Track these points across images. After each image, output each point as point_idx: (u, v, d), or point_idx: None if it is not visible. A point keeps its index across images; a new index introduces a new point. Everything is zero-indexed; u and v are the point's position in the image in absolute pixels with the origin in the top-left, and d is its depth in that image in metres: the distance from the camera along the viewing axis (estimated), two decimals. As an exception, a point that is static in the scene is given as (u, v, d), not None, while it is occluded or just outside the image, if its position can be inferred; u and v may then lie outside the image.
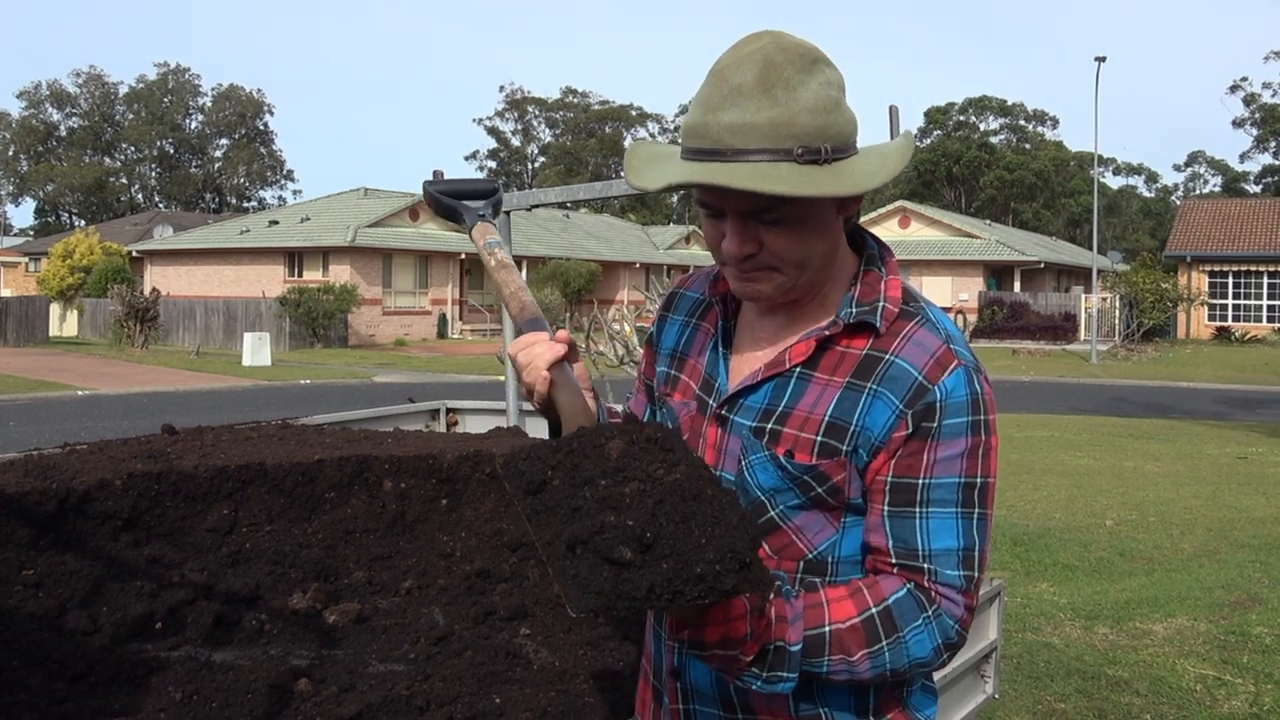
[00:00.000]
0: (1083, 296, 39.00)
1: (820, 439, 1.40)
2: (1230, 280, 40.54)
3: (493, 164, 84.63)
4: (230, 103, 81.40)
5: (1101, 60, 34.38)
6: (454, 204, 1.74)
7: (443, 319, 39.30)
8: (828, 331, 1.44)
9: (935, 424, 1.37)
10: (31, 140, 75.82)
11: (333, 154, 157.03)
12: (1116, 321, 36.63)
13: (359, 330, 35.00)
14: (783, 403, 1.44)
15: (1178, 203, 66.76)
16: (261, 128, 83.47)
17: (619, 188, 4.11)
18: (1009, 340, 37.06)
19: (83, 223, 66.13)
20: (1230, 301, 40.67)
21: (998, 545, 7.62)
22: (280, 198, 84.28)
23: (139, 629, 2.35)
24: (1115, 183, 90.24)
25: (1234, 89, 77.50)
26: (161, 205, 74.19)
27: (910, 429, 1.37)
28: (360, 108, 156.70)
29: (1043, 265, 45.24)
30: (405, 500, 2.95)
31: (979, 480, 1.39)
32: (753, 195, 1.32)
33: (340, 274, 35.26)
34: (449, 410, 4.82)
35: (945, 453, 1.37)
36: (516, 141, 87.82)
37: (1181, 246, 40.99)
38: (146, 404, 17.63)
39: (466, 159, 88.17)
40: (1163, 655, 5.42)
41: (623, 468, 1.20)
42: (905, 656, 1.36)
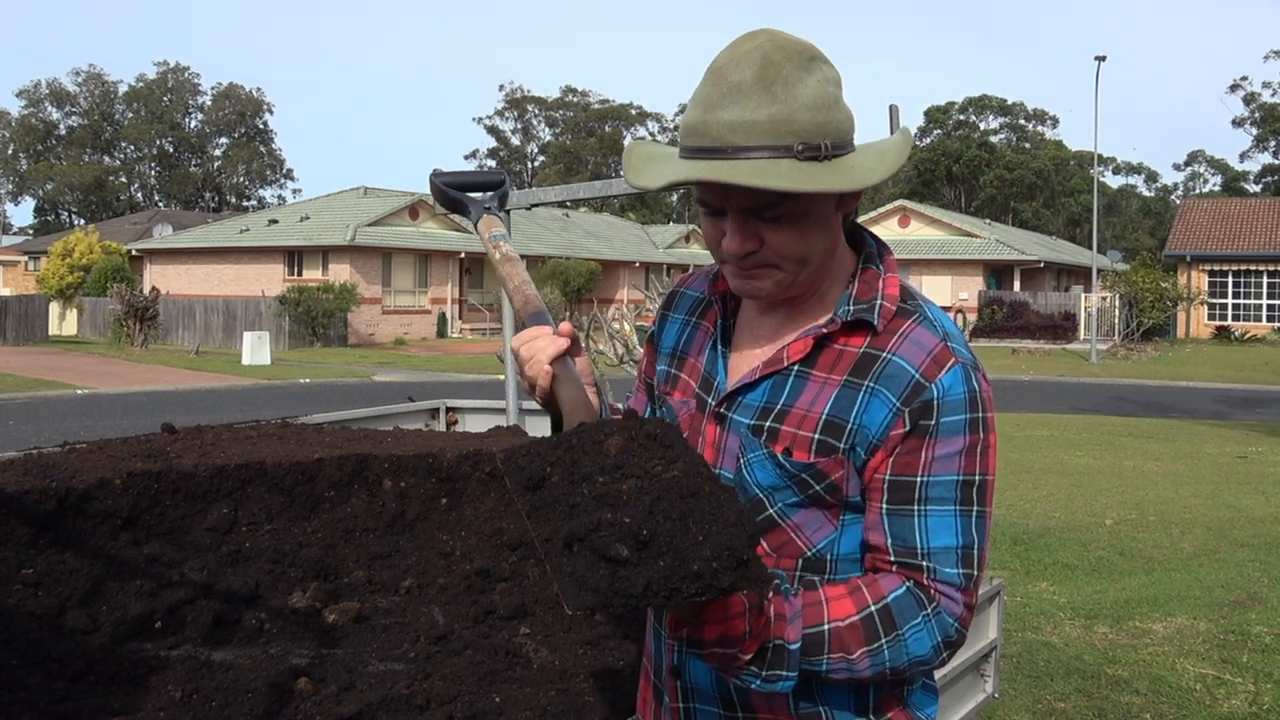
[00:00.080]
0: (1082, 296, 39.01)
1: (818, 437, 1.40)
2: (1230, 279, 40.54)
3: (492, 163, 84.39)
4: (230, 102, 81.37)
5: (1101, 60, 34.42)
6: (459, 196, 1.73)
7: (442, 318, 39.30)
8: (825, 329, 1.44)
9: (933, 421, 1.37)
10: (31, 139, 75.82)
11: (332, 153, 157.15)
12: (1116, 321, 36.65)
13: (358, 329, 35.00)
14: (781, 401, 1.44)
15: (1177, 202, 66.72)
16: (261, 127, 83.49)
17: (619, 187, 4.10)
18: (1009, 340, 37.06)
19: (82, 221, 66.07)
20: (1230, 301, 40.66)
21: (997, 545, 7.62)
22: (280, 197, 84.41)
23: (139, 628, 2.34)
24: (1115, 182, 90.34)
25: (1234, 88, 77.60)
26: (161, 204, 74.17)
27: (908, 427, 1.37)
28: (360, 107, 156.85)
29: (1042, 264, 45.23)
30: (405, 499, 2.95)
31: (977, 478, 1.39)
32: (754, 192, 1.32)
33: (340, 273, 35.26)
34: (449, 409, 4.82)
35: (943, 450, 1.37)
36: (516, 141, 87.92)
37: (1181, 246, 40.99)
38: (146, 403, 17.62)
39: (466, 158, 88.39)
40: (1162, 654, 5.42)
41: (621, 464, 1.20)
42: (904, 654, 1.35)
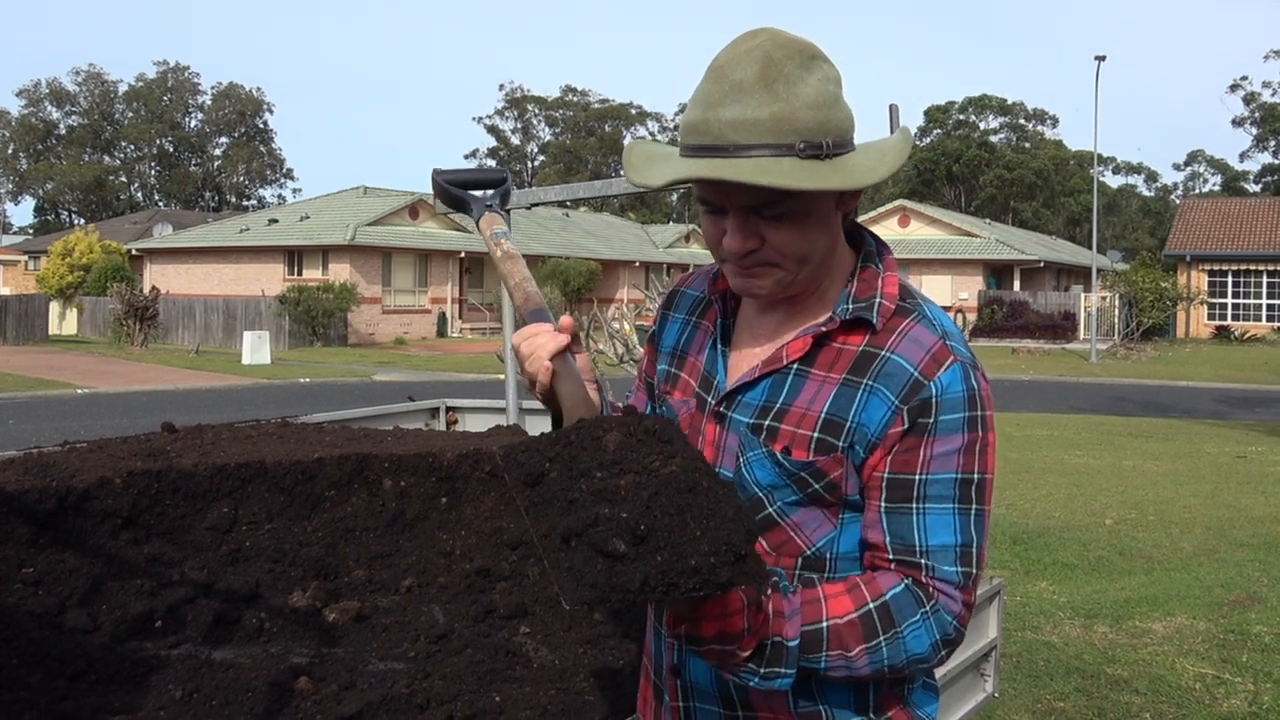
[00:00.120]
0: (1082, 295, 39.01)
1: (817, 435, 1.40)
2: (1230, 279, 40.54)
3: (492, 162, 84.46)
4: (230, 101, 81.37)
5: (1101, 59, 34.42)
6: (461, 194, 1.73)
7: (442, 317, 39.30)
8: (824, 328, 1.44)
9: (931, 420, 1.37)
10: (31, 138, 75.82)
11: (332, 153, 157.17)
12: (1116, 320, 36.65)
13: (358, 329, 35.00)
14: (780, 399, 1.44)
15: (1177, 202, 66.72)
16: (261, 126, 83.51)
17: (619, 186, 4.09)
18: (1008, 339, 37.06)
19: (82, 221, 66.08)
20: (1229, 300, 40.67)
21: (997, 544, 7.62)
22: (280, 196, 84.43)
23: (139, 627, 2.34)
24: (1115, 182, 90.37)
25: (1234, 88, 77.66)
26: (161, 204, 74.14)
27: (906, 425, 1.37)
28: (360, 107, 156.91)
29: (1042, 264, 45.23)
30: (405, 498, 2.95)
31: (976, 476, 1.39)
32: (755, 190, 1.32)
33: (340, 272, 35.26)
34: (448, 409, 4.82)
35: (942, 448, 1.37)
36: (516, 140, 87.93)
37: (1181, 245, 40.99)
38: (146, 402, 17.62)
39: (466, 157, 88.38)
40: (1162, 654, 5.42)
41: (619, 460, 1.20)
42: (903, 652, 1.35)
